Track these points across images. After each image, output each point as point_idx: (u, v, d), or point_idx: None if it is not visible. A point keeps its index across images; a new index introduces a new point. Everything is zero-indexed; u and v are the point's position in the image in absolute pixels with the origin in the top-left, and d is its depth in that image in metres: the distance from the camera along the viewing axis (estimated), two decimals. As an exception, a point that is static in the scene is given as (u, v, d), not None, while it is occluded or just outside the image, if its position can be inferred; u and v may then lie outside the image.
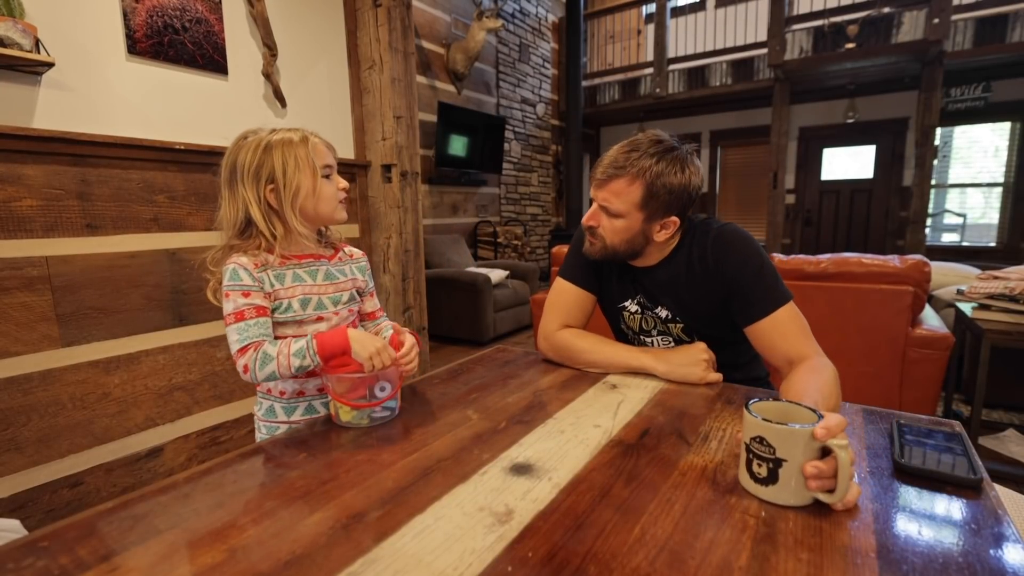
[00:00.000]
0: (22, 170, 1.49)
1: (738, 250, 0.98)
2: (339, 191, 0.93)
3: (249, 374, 0.83)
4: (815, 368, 0.85)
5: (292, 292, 0.89)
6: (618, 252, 1.03)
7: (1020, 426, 2.20)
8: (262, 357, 0.82)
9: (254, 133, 0.90)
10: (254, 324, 0.84)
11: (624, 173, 0.95)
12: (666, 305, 1.07)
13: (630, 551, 0.50)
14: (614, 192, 0.96)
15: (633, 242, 1.01)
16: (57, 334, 1.57)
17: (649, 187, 0.94)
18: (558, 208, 6.59)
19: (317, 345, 0.83)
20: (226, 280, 0.85)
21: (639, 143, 0.97)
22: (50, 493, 1.58)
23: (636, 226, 0.98)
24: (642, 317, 1.12)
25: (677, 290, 1.05)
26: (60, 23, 1.56)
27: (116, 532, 0.54)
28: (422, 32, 4.33)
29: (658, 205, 0.96)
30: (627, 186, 0.95)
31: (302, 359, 0.82)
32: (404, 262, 2.62)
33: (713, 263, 1.00)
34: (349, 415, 0.81)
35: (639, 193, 0.95)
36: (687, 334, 1.07)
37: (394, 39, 2.45)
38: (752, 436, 0.59)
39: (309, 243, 0.93)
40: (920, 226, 4.59)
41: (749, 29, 5.71)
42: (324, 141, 0.93)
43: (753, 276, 0.96)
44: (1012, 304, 1.82)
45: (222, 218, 0.91)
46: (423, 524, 0.55)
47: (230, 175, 0.89)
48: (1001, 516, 0.55)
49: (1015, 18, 4.28)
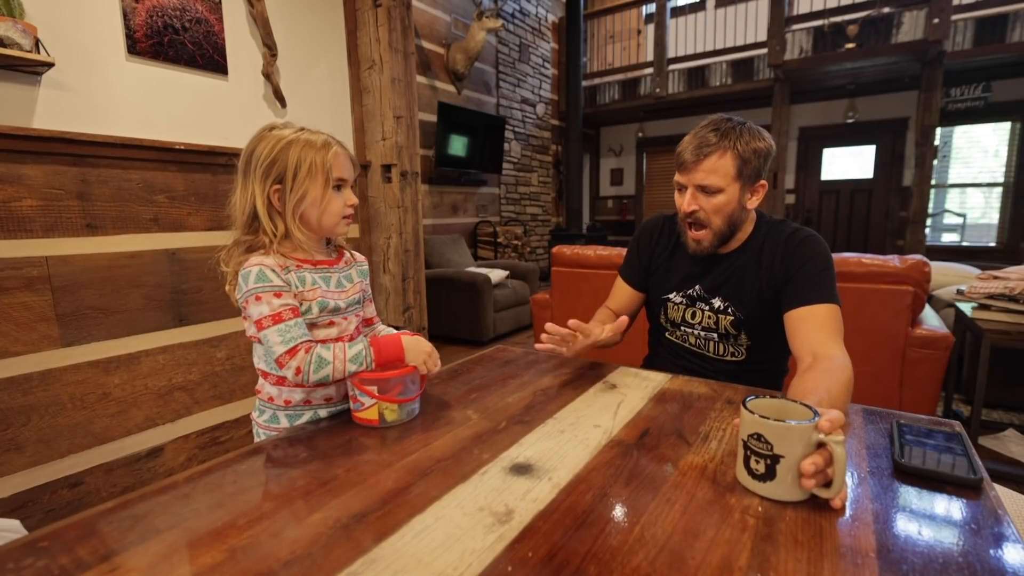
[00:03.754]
0: (22, 170, 1.49)
1: (811, 247, 1.02)
2: (347, 207, 0.92)
3: (302, 376, 0.81)
4: (830, 370, 0.85)
5: (313, 295, 0.89)
6: (724, 235, 1.06)
7: (1020, 426, 2.20)
8: (317, 360, 0.81)
9: (281, 128, 0.89)
10: (294, 325, 0.83)
11: (715, 149, 0.99)
12: (724, 296, 1.10)
13: (630, 551, 0.50)
14: (709, 169, 1.00)
15: (733, 217, 1.04)
16: (57, 334, 1.57)
17: (741, 155, 0.99)
18: (558, 208, 6.59)
19: (375, 352, 0.84)
20: (252, 282, 0.83)
21: (715, 123, 1.02)
22: (50, 493, 1.58)
23: (735, 199, 1.02)
24: (687, 309, 1.15)
25: (742, 280, 1.08)
26: (60, 23, 1.56)
27: (116, 532, 0.54)
28: (422, 32, 4.33)
29: (751, 171, 1.01)
30: (719, 159, 0.99)
31: (359, 364, 0.83)
32: (404, 262, 2.62)
33: (783, 255, 1.03)
34: (395, 414, 0.82)
35: (733, 164, 0.99)
36: (735, 327, 1.09)
37: (394, 39, 2.45)
38: (750, 433, 0.60)
39: (309, 249, 0.92)
40: (920, 226, 4.59)
41: (749, 29, 5.71)
42: (348, 153, 0.92)
43: (814, 271, 1.00)
44: (1012, 304, 1.82)
45: (233, 205, 0.90)
46: (423, 524, 0.55)
47: (246, 164, 0.88)
48: (1001, 516, 0.55)
49: (1015, 18, 4.28)
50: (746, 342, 1.10)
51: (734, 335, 1.10)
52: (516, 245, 5.26)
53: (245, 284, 0.83)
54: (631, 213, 7.37)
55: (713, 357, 1.14)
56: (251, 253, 0.87)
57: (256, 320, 0.83)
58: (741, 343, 1.11)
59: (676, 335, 1.19)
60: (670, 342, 1.21)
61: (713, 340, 1.13)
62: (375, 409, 0.82)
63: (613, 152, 7.44)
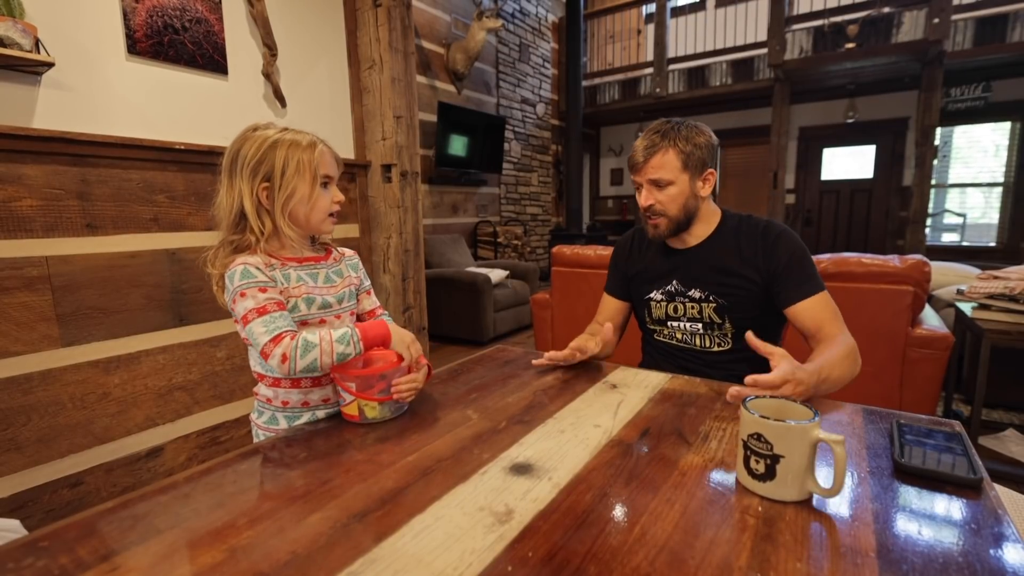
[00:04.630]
0: (22, 170, 1.49)
1: (788, 240, 1.13)
2: (333, 203, 0.92)
3: (288, 363, 0.80)
4: (835, 343, 0.99)
5: (298, 291, 0.89)
6: (680, 221, 1.16)
7: (1020, 426, 2.20)
8: (303, 344, 0.80)
9: (264, 128, 0.90)
10: (279, 316, 0.83)
11: (659, 147, 1.12)
12: (702, 286, 1.16)
13: (630, 551, 0.50)
14: (657, 165, 1.12)
15: (688, 206, 1.15)
16: (57, 334, 1.57)
17: (682, 150, 1.11)
18: (558, 208, 6.59)
19: (360, 333, 0.85)
20: (238, 280, 0.83)
21: (657, 126, 1.15)
22: (50, 493, 1.58)
23: (686, 189, 1.13)
24: (668, 304, 1.21)
25: (719, 269, 1.15)
26: (60, 23, 1.56)
27: (116, 532, 0.54)
28: (422, 32, 4.33)
29: (695, 162, 1.12)
30: (664, 155, 1.12)
31: (346, 345, 0.82)
32: (404, 262, 2.62)
33: (763, 248, 1.13)
34: (375, 411, 0.83)
35: (677, 158, 1.12)
36: (719, 314, 1.15)
37: (394, 39, 2.45)
38: (750, 433, 0.60)
39: (297, 246, 0.92)
40: (920, 226, 4.59)
41: (749, 29, 5.71)
42: (333, 152, 0.93)
43: (798, 264, 1.10)
44: (1012, 304, 1.82)
45: (219, 206, 0.90)
46: (423, 524, 0.55)
47: (231, 164, 0.88)
48: (1001, 516, 0.55)
49: (1015, 18, 4.28)
50: (730, 330, 1.15)
51: (718, 323, 1.15)
52: (516, 245, 5.26)
53: (231, 283, 0.84)
54: (631, 213, 7.37)
55: (700, 350, 1.18)
56: (237, 254, 0.87)
57: (242, 316, 0.83)
58: (726, 331, 1.15)
59: (663, 334, 1.24)
60: (659, 343, 1.25)
61: (699, 332, 1.18)
62: (355, 405, 0.83)
63: (613, 152, 7.43)
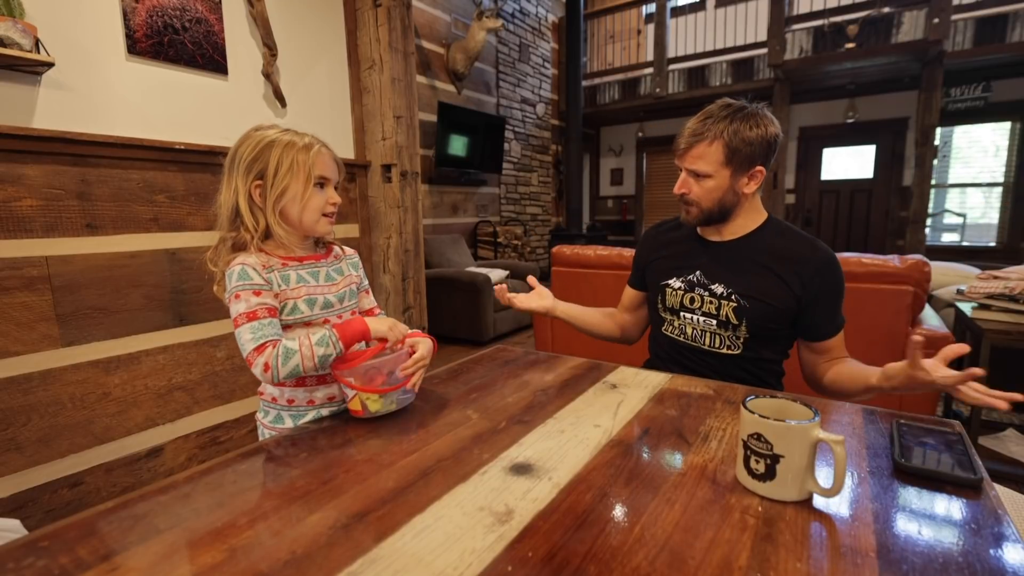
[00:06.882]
0: (22, 170, 1.49)
1: (838, 270, 1.09)
2: (328, 204, 0.92)
3: (271, 372, 0.80)
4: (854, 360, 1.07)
5: (297, 293, 0.89)
6: (713, 213, 1.12)
7: (1020, 426, 2.20)
8: (284, 352, 0.81)
9: (266, 128, 0.90)
10: (268, 324, 0.83)
11: (703, 138, 1.06)
12: (726, 283, 1.12)
13: (630, 551, 0.50)
14: (697, 156, 1.07)
15: (724, 200, 1.10)
16: (57, 334, 1.57)
17: (729, 144, 1.04)
18: (558, 208, 6.59)
19: (338, 332, 0.84)
20: (235, 281, 0.84)
21: (711, 110, 1.08)
22: (50, 493, 1.58)
23: (725, 183, 1.08)
24: (685, 294, 1.17)
25: (750, 269, 1.11)
26: (60, 23, 1.56)
27: (116, 532, 0.54)
28: (422, 32, 4.33)
29: (741, 159, 1.05)
30: (707, 147, 1.06)
31: (325, 347, 0.82)
32: (404, 262, 2.62)
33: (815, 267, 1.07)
34: (378, 403, 0.82)
35: (721, 151, 1.05)
36: (737, 315, 1.10)
37: (394, 39, 2.45)
38: (750, 433, 0.60)
39: (295, 246, 0.93)
40: (920, 226, 4.59)
41: (749, 29, 5.71)
42: (332, 154, 0.93)
43: (838, 296, 1.09)
44: (1012, 304, 1.81)
45: (219, 203, 0.91)
46: (423, 524, 0.55)
47: (230, 162, 0.90)
48: (1001, 516, 0.55)
49: (1015, 18, 4.28)
50: (744, 334, 1.10)
51: (735, 324, 1.11)
52: (516, 245, 5.26)
53: (229, 283, 0.85)
54: (631, 213, 7.37)
55: (708, 350, 1.14)
56: (237, 252, 0.88)
57: (233, 318, 0.83)
58: (740, 335, 1.11)
59: (674, 326, 1.19)
60: (667, 338, 1.21)
61: (711, 330, 1.13)
62: (357, 400, 0.83)
63: (613, 152, 7.44)
